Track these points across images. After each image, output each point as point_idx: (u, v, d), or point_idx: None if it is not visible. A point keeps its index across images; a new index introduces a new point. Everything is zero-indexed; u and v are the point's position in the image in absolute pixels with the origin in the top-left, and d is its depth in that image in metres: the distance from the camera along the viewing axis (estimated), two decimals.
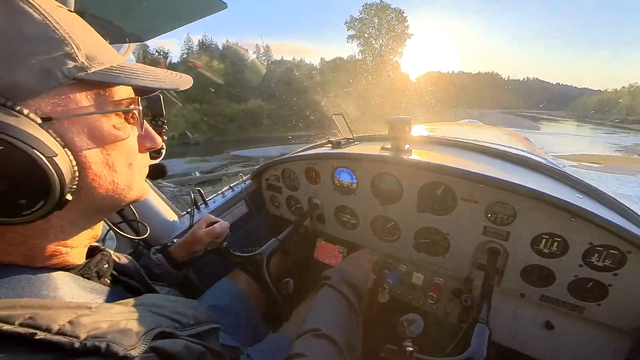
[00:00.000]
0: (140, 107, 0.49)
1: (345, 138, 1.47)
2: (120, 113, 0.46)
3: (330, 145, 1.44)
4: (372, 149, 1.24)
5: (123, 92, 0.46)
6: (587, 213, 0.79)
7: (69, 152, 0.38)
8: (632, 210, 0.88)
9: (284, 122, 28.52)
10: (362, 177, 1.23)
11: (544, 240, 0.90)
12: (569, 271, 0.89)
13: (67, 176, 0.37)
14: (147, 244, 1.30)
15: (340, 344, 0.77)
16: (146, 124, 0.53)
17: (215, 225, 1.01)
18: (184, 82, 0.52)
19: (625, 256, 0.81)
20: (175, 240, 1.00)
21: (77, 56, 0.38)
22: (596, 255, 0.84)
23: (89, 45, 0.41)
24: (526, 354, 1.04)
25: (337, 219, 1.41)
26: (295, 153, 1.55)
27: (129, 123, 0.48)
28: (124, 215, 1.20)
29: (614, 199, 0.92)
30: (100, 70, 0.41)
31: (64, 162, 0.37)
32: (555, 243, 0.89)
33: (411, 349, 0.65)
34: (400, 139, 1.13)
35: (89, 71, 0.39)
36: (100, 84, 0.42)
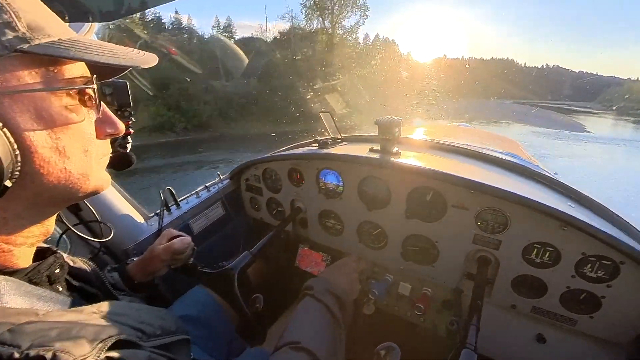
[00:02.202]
0: (96, 86, 0.44)
1: (333, 138, 1.40)
2: (73, 93, 0.41)
3: (316, 144, 1.37)
4: (360, 150, 1.18)
5: (76, 70, 0.42)
6: (579, 222, 0.77)
7: (9, 134, 0.34)
8: (625, 220, 0.87)
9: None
10: (349, 179, 1.17)
11: (535, 250, 0.88)
12: (561, 282, 0.87)
13: (6, 159, 0.33)
14: (108, 249, 1.16)
15: (320, 359, 0.73)
16: (105, 107, 0.48)
17: (175, 240, 0.91)
18: (147, 59, 0.46)
19: (618, 267, 0.79)
20: (135, 259, 0.90)
21: (17, 26, 0.35)
22: (589, 265, 0.82)
23: (32, 15, 0.37)
24: None
25: (321, 224, 1.34)
26: (278, 152, 1.47)
27: (85, 105, 0.44)
28: (81, 216, 1.06)
29: (608, 208, 0.90)
30: (47, 42, 0.37)
31: (1, 143, 0.33)
32: (547, 253, 0.86)
33: None
34: (390, 140, 1.09)
35: (32, 43, 0.36)
36: (47, 58, 0.38)
